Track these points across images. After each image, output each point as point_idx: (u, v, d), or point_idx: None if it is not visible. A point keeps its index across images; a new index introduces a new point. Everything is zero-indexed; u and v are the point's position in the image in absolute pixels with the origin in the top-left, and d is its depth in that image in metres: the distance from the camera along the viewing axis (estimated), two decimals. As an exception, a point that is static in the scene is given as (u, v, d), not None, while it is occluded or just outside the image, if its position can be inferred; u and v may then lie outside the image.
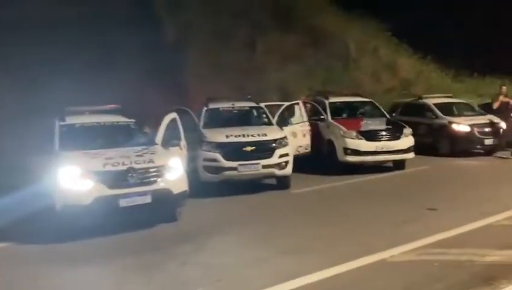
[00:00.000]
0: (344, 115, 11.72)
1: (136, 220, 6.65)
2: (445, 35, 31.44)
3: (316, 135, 11.50)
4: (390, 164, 11.16)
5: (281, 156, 8.64)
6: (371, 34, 26.03)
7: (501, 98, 13.78)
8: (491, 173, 10.70)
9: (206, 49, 17.77)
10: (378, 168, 10.92)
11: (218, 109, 9.86)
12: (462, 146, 12.75)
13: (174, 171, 6.66)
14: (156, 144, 7.34)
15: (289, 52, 20.77)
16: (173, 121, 8.13)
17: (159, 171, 6.56)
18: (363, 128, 10.60)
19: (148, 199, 6.38)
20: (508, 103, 13.68)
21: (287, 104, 10.87)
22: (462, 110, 14.15)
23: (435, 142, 13.29)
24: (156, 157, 6.74)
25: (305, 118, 10.78)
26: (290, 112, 11.12)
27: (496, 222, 6.53)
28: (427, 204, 7.59)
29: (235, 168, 8.37)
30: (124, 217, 6.50)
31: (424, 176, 10.39)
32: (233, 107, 9.94)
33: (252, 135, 8.61)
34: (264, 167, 8.49)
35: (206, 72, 16.74)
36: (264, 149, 8.53)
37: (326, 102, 11.89)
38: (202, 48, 17.59)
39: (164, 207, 6.57)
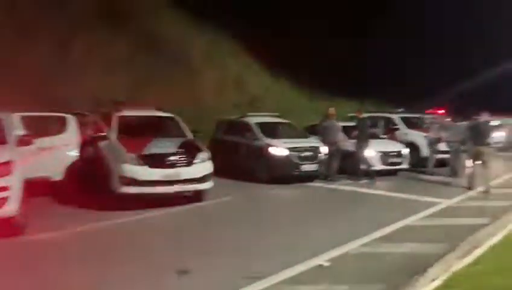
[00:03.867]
0: (135, 133, 9.40)
1: None
2: (301, 56, 31.41)
3: (97, 157, 9.09)
4: (190, 193, 9.11)
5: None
6: (221, 46, 24.57)
7: (326, 121, 12.77)
8: (298, 207, 9.27)
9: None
10: (173, 199, 8.79)
11: None
12: (279, 171, 11.32)
13: None
14: None
15: (117, 56, 18.11)
16: None
17: None
18: (146, 152, 8.39)
19: None
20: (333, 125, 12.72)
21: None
22: (286, 131, 12.88)
23: (254, 166, 11.75)
24: None
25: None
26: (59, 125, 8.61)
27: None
28: (185, 261, 5.57)
29: None
30: None
31: (217, 213, 8.51)
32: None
33: None
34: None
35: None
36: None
37: (115, 115, 9.54)
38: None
39: None
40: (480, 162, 11.00)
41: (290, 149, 11.31)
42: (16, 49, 14.60)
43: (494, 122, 20.57)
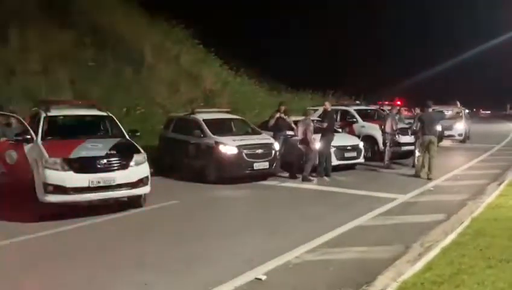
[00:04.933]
0: (65, 135, 8.51)
1: None
2: (261, 49, 30.77)
3: (20, 163, 8.18)
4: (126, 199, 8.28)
5: None
6: (174, 39, 23.61)
7: (277, 115, 12.19)
8: (244, 210, 8.64)
9: None
10: (110, 206, 7.96)
11: None
12: (230, 171, 10.64)
13: None
14: None
15: (61, 51, 16.91)
16: None
17: None
18: (73, 155, 7.55)
19: None
20: (284, 121, 12.20)
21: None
22: (237, 128, 12.23)
23: (203, 165, 11.04)
24: None
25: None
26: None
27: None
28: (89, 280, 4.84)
29: None
30: None
31: (154, 221, 7.72)
32: None
33: None
34: None
35: None
36: None
37: (43, 115, 8.64)
38: None
39: None
40: (428, 151, 11.07)
41: (241, 147, 10.65)
42: None
43: (448, 112, 20.68)
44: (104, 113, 9.34)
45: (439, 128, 16.37)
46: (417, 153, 11.70)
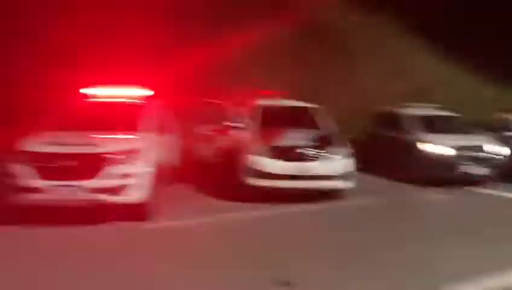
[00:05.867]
0: (272, 124, 8.91)
1: None
2: (478, 36, 27.19)
3: (232, 147, 8.96)
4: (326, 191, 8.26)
5: (116, 176, 6.09)
6: (384, 30, 22.83)
7: (504, 115, 10.63)
8: (447, 219, 7.70)
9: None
10: (303, 195, 8.04)
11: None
12: (438, 172, 9.73)
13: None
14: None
15: (284, 46, 18.10)
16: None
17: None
18: (279, 143, 7.87)
19: None
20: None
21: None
22: (450, 126, 11.05)
23: (405, 164, 10.36)
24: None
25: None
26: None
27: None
28: (289, 272, 4.85)
29: (41, 190, 5.90)
30: None
31: (354, 218, 7.40)
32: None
33: (76, 144, 6.15)
34: (86, 190, 5.95)
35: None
36: (87, 165, 5.98)
37: (257, 105, 9.29)
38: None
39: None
40: None
41: (453, 147, 9.63)
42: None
43: None
44: (311, 105, 9.51)
45: None
46: None
